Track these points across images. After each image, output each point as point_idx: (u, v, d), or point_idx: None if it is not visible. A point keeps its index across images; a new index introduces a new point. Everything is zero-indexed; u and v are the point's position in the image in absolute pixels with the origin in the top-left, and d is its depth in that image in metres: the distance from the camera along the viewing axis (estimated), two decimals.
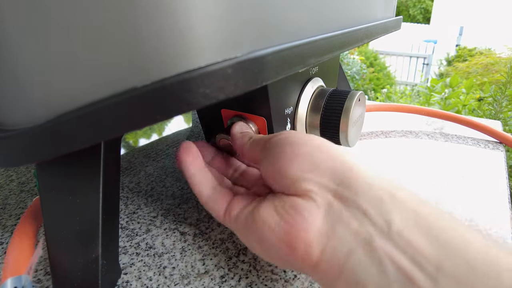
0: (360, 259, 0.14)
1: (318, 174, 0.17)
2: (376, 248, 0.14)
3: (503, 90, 1.22)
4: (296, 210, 0.16)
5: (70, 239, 0.18)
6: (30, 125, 0.15)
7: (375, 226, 0.14)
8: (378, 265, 0.13)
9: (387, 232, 0.14)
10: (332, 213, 0.16)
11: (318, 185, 0.16)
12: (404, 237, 0.13)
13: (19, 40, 0.14)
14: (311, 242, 0.15)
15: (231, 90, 0.13)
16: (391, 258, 0.13)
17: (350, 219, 0.15)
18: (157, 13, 0.12)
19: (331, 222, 0.15)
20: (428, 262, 0.13)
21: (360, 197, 0.15)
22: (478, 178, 0.32)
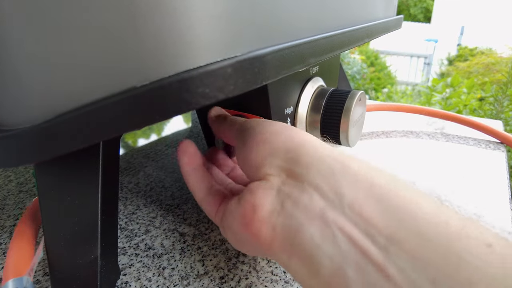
0: (312, 234, 0.14)
1: (274, 156, 0.17)
2: (328, 221, 0.14)
3: (504, 90, 1.22)
4: (251, 192, 0.16)
5: (69, 239, 0.18)
6: (28, 125, 0.15)
7: (326, 199, 0.14)
8: (331, 239, 0.13)
9: (339, 205, 0.14)
10: (283, 191, 0.16)
11: (274, 166, 0.16)
12: (356, 209, 0.13)
13: (18, 40, 0.14)
14: (262, 221, 0.15)
15: (230, 90, 0.13)
16: (343, 231, 0.13)
17: (301, 194, 0.15)
18: (156, 12, 0.12)
19: (282, 199, 0.15)
20: (380, 234, 0.12)
21: (311, 171, 0.15)
22: (479, 178, 0.32)
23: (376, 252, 0.12)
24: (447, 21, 5.28)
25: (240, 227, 0.17)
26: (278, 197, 0.16)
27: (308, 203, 0.14)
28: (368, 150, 0.38)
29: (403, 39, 4.16)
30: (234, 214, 0.17)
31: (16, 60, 0.14)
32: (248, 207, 0.16)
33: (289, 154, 0.16)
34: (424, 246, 0.12)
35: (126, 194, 0.29)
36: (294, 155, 0.16)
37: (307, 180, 0.15)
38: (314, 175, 0.15)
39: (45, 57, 0.14)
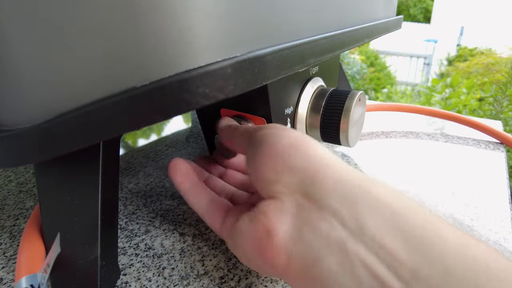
0: (331, 265, 0.13)
1: (289, 175, 0.16)
2: (349, 252, 0.13)
3: (503, 90, 1.22)
4: (264, 215, 0.16)
5: (69, 239, 0.18)
6: (28, 125, 0.15)
7: (347, 228, 0.13)
8: (351, 271, 0.13)
9: (360, 235, 0.13)
10: (300, 216, 0.15)
11: (289, 186, 0.15)
12: (378, 241, 0.13)
13: (18, 40, 0.14)
14: (278, 248, 0.15)
15: (230, 90, 0.13)
16: (364, 264, 0.12)
17: (320, 221, 0.14)
18: (156, 12, 0.12)
19: (299, 225, 0.14)
20: (403, 268, 0.12)
21: (332, 197, 0.14)
22: (478, 179, 0.32)
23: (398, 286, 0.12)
24: (446, 22, 5.29)
25: (252, 251, 0.16)
26: (294, 222, 0.15)
27: (328, 232, 0.14)
28: (367, 150, 0.38)
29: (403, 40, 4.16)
30: (245, 236, 0.16)
31: (16, 60, 0.14)
32: (261, 232, 0.15)
33: (307, 174, 0.15)
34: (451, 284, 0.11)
35: (126, 194, 0.29)
36: (312, 175, 0.15)
37: (326, 205, 0.14)
38: (334, 201, 0.14)
39: (45, 57, 0.14)
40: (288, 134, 0.17)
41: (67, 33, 0.13)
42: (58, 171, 0.18)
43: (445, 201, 0.28)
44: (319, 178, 0.15)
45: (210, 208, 0.20)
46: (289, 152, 0.16)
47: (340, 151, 0.37)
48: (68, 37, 0.13)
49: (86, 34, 0.13)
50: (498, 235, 0.24)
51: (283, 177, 0.16)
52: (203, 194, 0.21)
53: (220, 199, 0.21)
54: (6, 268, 0.21)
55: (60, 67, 0.14)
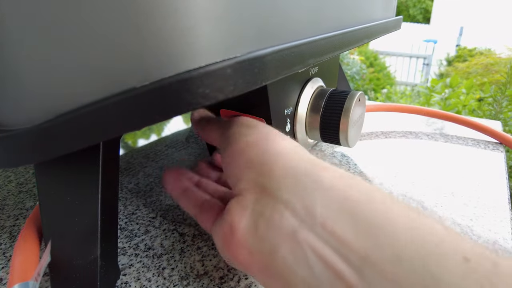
0: (285, 256, 0.13)
1: (248, 170, 0.16)
2: (300, 241, 0.13)
3: (503, 91, 1.22)
4: (228, 212, 0.16)
5: (68, 240, 0.18)
6: (28, 125, 0.15)
7: (297, 218, 0.13)
8: (304, 260, 0.13)
9: (310, 223, 0.13)
10: (256, 209, 0.15)
11: (249, 182, 0.16)
12: (328, 227, 0.13)
13: (18, 40, 0.14)
14: (239, 242, 0.15)
15: (230, 90, 0.13)
16: (316, 252, 0.12)
17: (273, 212, 0.14)
18: (157, 13, 0.12)
19: (255, 219, 0.15)
20: (354, 253, 0.12)
21: (283, 187, 0.14)
22: (478, 179, 0.32)
23: (350, 274, 0.12)
24: (446, 22, 5.29)
25: (222, 248, 0.16)
26: (252, 217, 0.15)
27: (280, 223, 0.14)
28: (367, 150, 0.38)
29: (402, 40, 4.16)
30: (217, 234, 0.17)
31: (16, 60, 0.14)
32: (226, 228, 0.16)
33: (264, 167, 0.16)
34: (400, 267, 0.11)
35: (126, 195, 0.29)
36: (267, 168, 0.15)
37: (279, 196, 0.14)
38: (285, 191, 0.14)
39: (45, 58, 0.14)
40: (253, 129, 0.18)
41: (67, 33, 0.13)
42: (58, 172, 0.18)
43: (444, 201, 0.28)
44: (272, 170, 0.15)
45: (201, 210, 0.21)
46: (249, 149, 0.17)
47: (340, 151, 0.37)
48: (68, 37, 0.13)
49: (86, 34, 0.13)
50: (497, 235, 0.24)
51: (244, 174, 0.16)
52: (194, 197, 0.21)
53: (212, 201, 0.21)
54: (6, 268, 0.21)
55: (60, 67, 0.14)
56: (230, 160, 0.17)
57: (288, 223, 0.14)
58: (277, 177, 0.15)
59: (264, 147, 0.16)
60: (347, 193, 0.13)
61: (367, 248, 0.12)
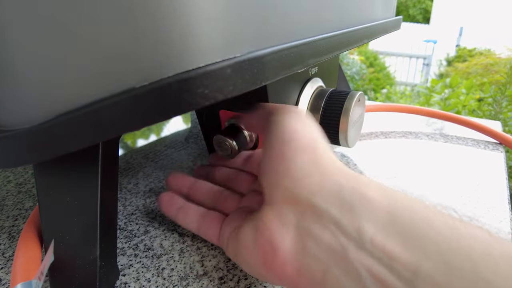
0: (338, 276, 0.13)
1: (291, 180, 0.15)
2: (352, 260, 0.13)
3: (502, 91, 1.22)
4: (267, 229, 0.15)
5: (68, 240, 0.18)
6: (28, 126, 0.15)
7: (347, 236, 0.13)
8: (356, 279, 0.13)
9: (360, 241, 0.13)
10: (302, 226, 0.15)
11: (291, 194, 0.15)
12: (378, 244, 0.13)
13: (17, 40, 0.14)
14: (285, 262, 0.15)
15: (230, 91, 0.13)
16: (368, 269, 0.13)
17: (322, 231, 0.14)
18: (156, 13, 0.12)
19: (302, 237, 0.14)
20: (405, 268, 0.12)
21: (331, 205, 0.14)
22: (477, 179, 0.32)
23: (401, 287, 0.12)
24: (446, 22, 5.29)
25: (260, 265, 0.16)
26: (297, 234, 0.15)
27: (331, 242, 0.14)
28: (367, 150, 0.38)
29: (402, 40, 4.16)
30: (249, 250, 0.16)
31: (16, 60, 0.14)
32: (266, 246, 0.15)
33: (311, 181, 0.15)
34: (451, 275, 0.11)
35: (125, 195, 0.29)
36: (315, 182, 0.15)
37: (326, 214, 0.14)
38: (334, 209, 0.14)
39: (45, 58, 0.14)
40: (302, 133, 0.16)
41: (66, 33, 0.13)
42: (57, 172, 0.18)
43: (444, 201, 0.28)
44: (321, 185, 0.15)
45: (202, 224, 0.21)
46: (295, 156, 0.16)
47: (340, 152, 0.37)
48: (67, 37, 0.13)
49: (86, 34, 0.13)
50: None
51: (284, 182, 0.15)
52: (191, 212, 0.22)
53: (211, 213, 0.21)
54: (5, 269, 0.21)
55: (59, 68, 0.14)
56: (269, 160, 0.16)
57: (339, 242, 0.14)
58: (325, 193, 0.15)
59: (312, 159, 0.16)
60: (392, 208, 0.13)
61: (417, 261, 0.12)
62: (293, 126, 0.17)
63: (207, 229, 0.20)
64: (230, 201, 0.22)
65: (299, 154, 0.16)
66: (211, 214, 0.21)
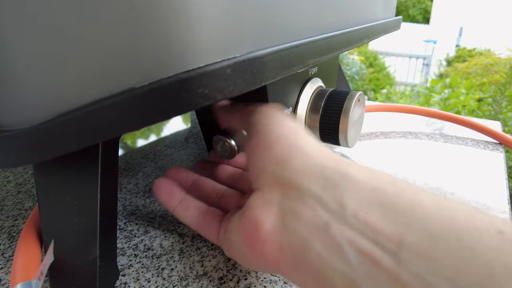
0: (319, 250, 0.13)
1: (273, 165, 0.16)
2: (334, 234, 0.13)
3: (502, 91, 1.23)
4: (251, 209, 0.16)
5: (67, 240, 0.18)
6: (27, 126, 0.15)
7: (329, 211, 0.14)
8: (339, 253, 0.13)
9: (343, 215, 0.13)
10: (284, 204, 0.15)
11: (273, 176, 0.16)
12: (361, 218, 0.13)
13: (17, 40, 0.14)
14: (266, 239, 0.15)
15: (230, 91, 0.13)
16: (350, 243, 0.13)
17: (303, 207, 0.14)
18: (156, 13, 0.12)
19: (283, 215, 0.15)
20: (388, 240, 0.12)
21: (313, 183, 0.15)
22: (477, 179, 0.32)
23: (387, 260, 0.12)
24: (445, 22, 5.30)
25: (244, 246, 0.16)
26: (279, 212, 0.15)
27: (311, 217, 0.14)
28: (367, 150, 0.38)
29: (402, 40, 4.16)
30: (238, 233, 0.16)
31: (16, 60, 0.14)
32: (250, 225, 0.15)
33: (290, 162, 0.16)
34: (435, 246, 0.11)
35: (125, 195, 0.29)
36: (294, 163, 0.15)
37: (308, 191, 0.14)
38: (315, 186, 0.14)
39: (45, 58, 0.14)
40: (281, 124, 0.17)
41: (66, 33, 0.13)
42: (57, 172, 0.18)
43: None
44: (300, 166, 0.15)
45: (202, 221, 0.20)
46: (276, 143, 0.16)
47: (339, 152, 0.37)
48: (67, 37, 0.13)
49: (85, 34, 0.13)
50: None
51: (269, 168, 0.16)
52: (192, 207, 0.21)
53: (212, 210, 0.21)
54: (5, 269, 0.21)
55: (59, 68, 0.14)
56: (254, 151, 0.17)
57: (320, 217, 0.14)
58: (307, 173, 0.15)
59: (292, 143, 0.16)
60: (374, 185, 0.14)
61: (401, 233, 0.12)
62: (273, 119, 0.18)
63: (208, 226, 0.20)
64: (234, 199, 0.22)
65: (280, 140, 0.17)
66: (213, 211, 0.21)
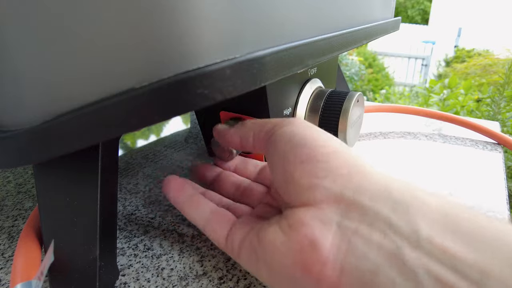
0: (392, 276, 0.12)
1: (332, 180, 0.15)
2: (408, 260, 0.12)
3: (501, 91, 1.23)
4: (304, 225, 0.14)
5: (67, 240, 0.18)
6: (27, 126, 0.15)
7: (401, 235, 0.13)
8: (415, 281, 0.12)
9: (417, 240, 0.12)
10: (346, 224, 0.14)
11: (330, 193, 0.14)
12: (437, 244, 0.12)
13: (17, 40, 0.14)
14: (326, 260, 0.13)
15: (229, 91, 0.13)
16: (427, 270, 0.12)
17: (371, 230, 0.13)
18: (155, 14, 0.12)
19: (347, 235, 0.13)
20: (470, 269, 0.11)
21: (380, 202, 0.13)
22: (476, 179, 0.32)
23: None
24: (444, 23, 5.30)
25: (292, 267, 0.14)
26: (340, 233, 0.14)
27: (382, 241, 0.13)
28: (366, 151, 0.38)
29: (401, 41, 4.17)
30: (282, 252, 0.15)
31: (16, 60, 0.14)
32: (303, 244, 0.14)
33: (351, 180, 0.14)
34: None
35: (125, 195, 0.29)
36: (356, 182, 0.14)
37: (375, 213, 0.13)
38: (383, 208, 0.13)
39: (44, 58, 0.14)
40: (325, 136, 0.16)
41: (66, 33, 0.13)
42: (57, 172, 0.18)
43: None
44: (365, 186, 0.14)
45: (211, 220, 0.19)
46: (333, 156, 0.15)
47: None
48: (67, 37, 0.13)
49: (85, 35, 0.13)
50: None
51: (324, 183, 0.15)
52: (202, 204, 0.20)
53: (222, 210, 0.20)
54: (5, 269, 0.21)
55: (59, 68, 0.14)
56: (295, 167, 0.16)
57: (393, 241, 0.13)
58: (373, 193, 0.14)
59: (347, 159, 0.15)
60: (447, 209, 0.13)
61: (484, 262, 0.11)
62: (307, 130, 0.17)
63: (214, 229, 0.19)
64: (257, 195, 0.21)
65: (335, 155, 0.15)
66: (223, 213, 0.19)
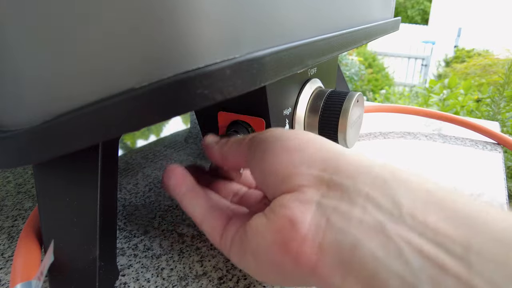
0: (374, 250, 0.12)
1: (309, 165, 0.15)
2: (390, 235, 0.12)
3: (501, 91, 1.23)
4: (284, 207, 0.14)
5: (67, 240, 0.18)
6: (27, 126, 0.15)
7: (382, 210, 0.13)
8: (397, 254, 0.12)
9: (398, 215, 0.12)
10: (325, 203, 0.14)
11: (310, 177, 0.15)
12: (419, 218, 0.12)
13: (17, 40, 0.14)
14: (305, 237, 0.14)
15: (229, 91, 0.13)
16: (410, 244, 0.12)
17: (351, 206, 0.13)
18: (155, 14, 0.12)
19: (326, 214, 0.14)
20: (454, 243, 0.11)
21: (359, 180, 0.14)
22: (476, 180, 0.32)
23: (455, 264, 0.11)
24: (444, 23, 5.31)
25: (273, 248, 0.14)
26: (320, 212, 0.14)
27: (362, 216, 0.13)
28: (366, 151, 0.38)
29: (400, 41, 4.17)
30: (263, 234, 0.15)
31: (16, 60, 0.14)
32: (284, 223, 0.14)
33: (328, 163, 0.15)
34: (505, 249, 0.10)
35: (125, 195, 0.29)
36: (334, 164, 0.15)
37: (355, 191, 0.13)
38: (363, 185, 0.13)
39: (45, 58, 0.14)
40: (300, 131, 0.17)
41: (66, 34, 0.13)
42: (57, 172, 0.18)
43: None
44: (343, 166, 0.15)
45: (210, 214, 0.19)
46: (308, 144, 0.16)
47: None
48: (67, 38, 0.13)
49: (86, 35, 0.13)
50: None
51: (302, 169, 0.15)
52: (202, 197, 0.19)
53: (222, 205, 0.20)
54: (4, 269, 0.21)
55: (59, 68, 0.14)
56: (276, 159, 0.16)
57: (373, 216, 0.13)
58: (350, 172, 0.14)
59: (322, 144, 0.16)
60: (428, 186, 0.13)
61: (468, 237, 0.11)
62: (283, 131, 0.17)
63: (211, 224, 0.18)
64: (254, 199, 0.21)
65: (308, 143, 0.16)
66: (221, 207, 0.19)
